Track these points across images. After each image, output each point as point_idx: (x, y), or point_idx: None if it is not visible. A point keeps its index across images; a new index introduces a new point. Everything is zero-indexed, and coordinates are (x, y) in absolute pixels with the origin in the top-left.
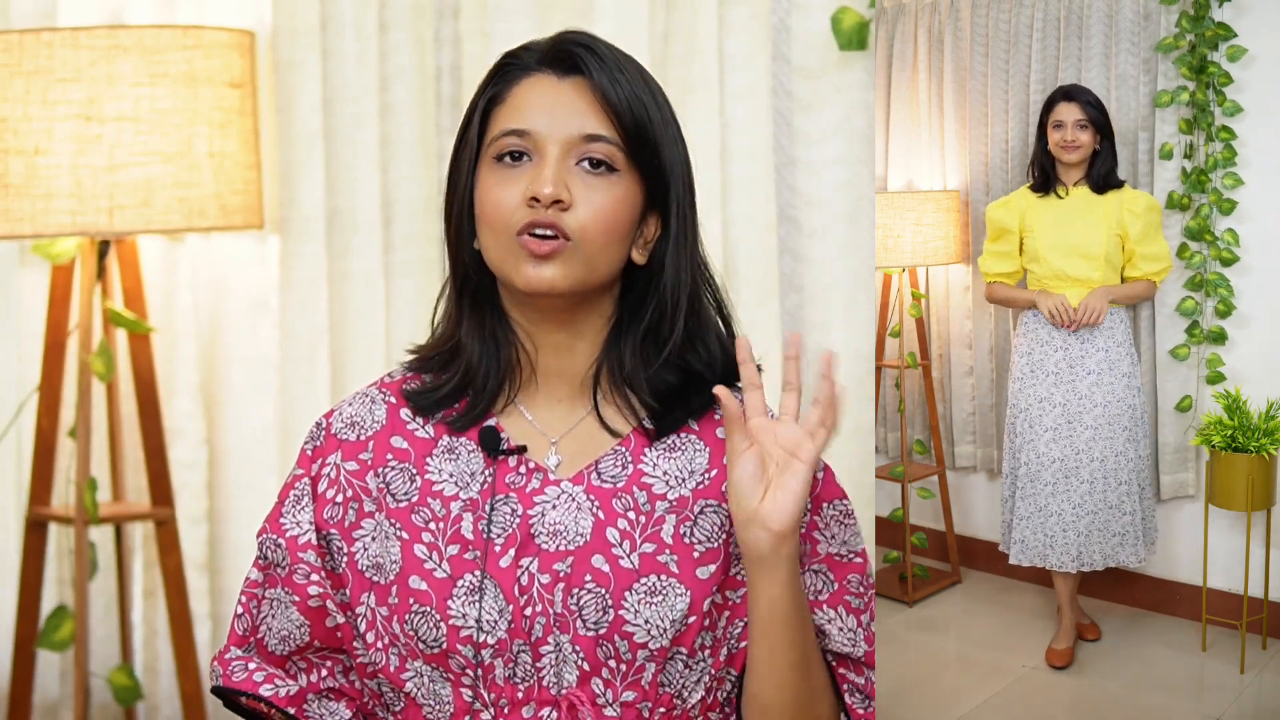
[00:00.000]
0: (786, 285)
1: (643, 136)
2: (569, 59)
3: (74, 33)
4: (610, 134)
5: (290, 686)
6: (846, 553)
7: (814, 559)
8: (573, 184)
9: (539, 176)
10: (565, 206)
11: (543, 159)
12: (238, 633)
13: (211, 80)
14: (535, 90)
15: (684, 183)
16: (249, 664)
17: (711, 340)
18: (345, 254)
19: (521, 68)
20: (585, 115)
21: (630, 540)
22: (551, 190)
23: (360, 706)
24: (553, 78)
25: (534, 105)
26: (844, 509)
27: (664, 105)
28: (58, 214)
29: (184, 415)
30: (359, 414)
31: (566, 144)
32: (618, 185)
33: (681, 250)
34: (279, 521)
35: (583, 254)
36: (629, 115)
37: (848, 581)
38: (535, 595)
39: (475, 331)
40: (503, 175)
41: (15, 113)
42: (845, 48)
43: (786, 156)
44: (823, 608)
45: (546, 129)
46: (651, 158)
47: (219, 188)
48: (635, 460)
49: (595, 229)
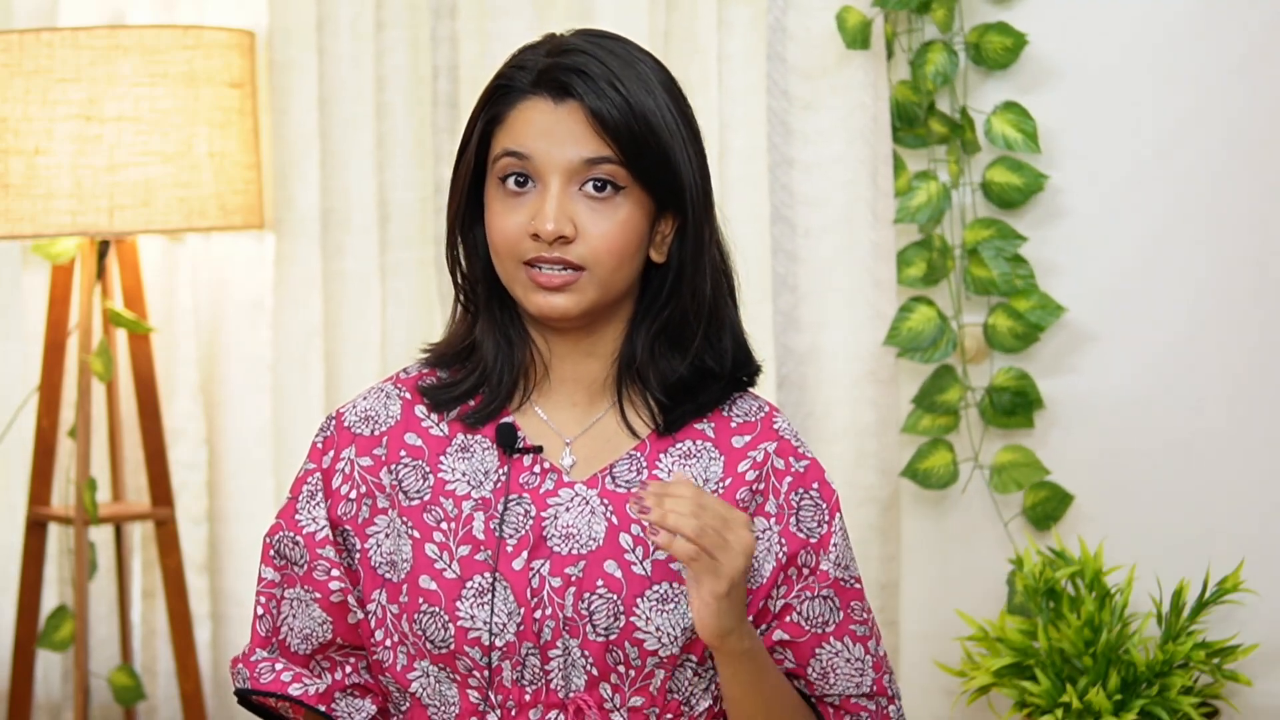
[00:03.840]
0: (780, 285)
1: (645, 151)
2: (561, 84)
3: (74, 33)
4: (612, 154)
5: (318, 684)
6: (848, 577)
7: (823, 582)
8: (578, 212)
9: (541, 211)
10: (570, 240)
11: (545, 188)
12: (260, 634)
13: (211, 80)
14: (532, 115)
15: (699, 181)
16: (275, 664)
17: (726, 336)
18: (340, 254)
19: (518, 91)
20: (583, 141)
21: (643, 546)
22: (553, 228)
23: (384, 702)
24: (548, 102)
25: (532, 131)
26: (845, 529)
27: (670, 107)
28: (58, 214)
29: (184, 415)
30: (373, 408)
31: (568, 171)
32: (624, 205)
33: (701, 250)
34: (295, 518)
35: (596, 279)
36: (627, 135)
37: (851, 609)
38: (546, 598)
39: (490, 330)
40: (509, 202)
41: (15, 113)
42: (851, 46)
43: (782, 156)
44: (829, 640)
45: (545, 155)
46: (658, 168)
47: (219, 188)
48: (650, 466)
49: (605, 255)
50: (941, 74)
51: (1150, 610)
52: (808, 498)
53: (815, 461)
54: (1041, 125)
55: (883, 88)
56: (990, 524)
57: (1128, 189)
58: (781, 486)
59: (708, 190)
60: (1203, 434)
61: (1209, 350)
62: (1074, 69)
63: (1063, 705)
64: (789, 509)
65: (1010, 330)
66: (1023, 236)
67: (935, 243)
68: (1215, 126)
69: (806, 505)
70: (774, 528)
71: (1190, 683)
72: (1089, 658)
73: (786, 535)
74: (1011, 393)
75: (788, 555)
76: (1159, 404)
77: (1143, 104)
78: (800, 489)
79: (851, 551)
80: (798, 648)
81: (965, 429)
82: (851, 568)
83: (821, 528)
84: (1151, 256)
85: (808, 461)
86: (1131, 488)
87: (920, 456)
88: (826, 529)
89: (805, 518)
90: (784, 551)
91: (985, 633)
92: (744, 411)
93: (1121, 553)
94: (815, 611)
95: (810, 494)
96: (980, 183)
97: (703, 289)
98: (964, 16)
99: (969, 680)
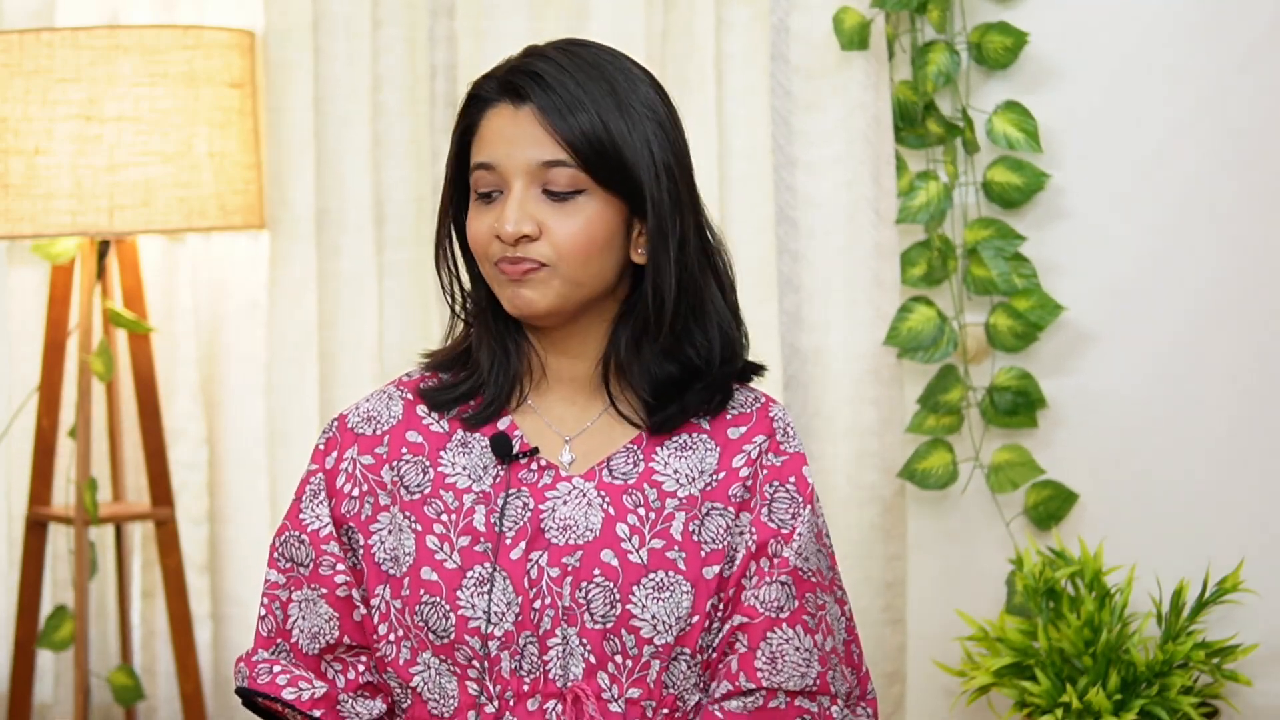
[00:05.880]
0: (785, 285)
1: (601, 156)
2: (517, 89)
3: (74, 33)
4: (568, 158)
5: (317, 690)
6: (808, 569)
7: (782, 569)
8: (541, 212)
9: (502, 214)
10: (534, 238)
11: (508, 193)
12: (263, 635)
13: (211, 80)
14: (497, 122)
15: (666, 183)
16: (274, 667)
17: (711, 331)
18: (335, 254)
19: (485, 100)
20: (540, 144)
21: (640, 536)
22: (512, 229)
23: (393, 703)
24: (510, 108)
25: (496, 138)
26: (816, 524)
27: (633, 108)
28: (58, 214)
29: (184, 415)
30: (375, 409)
31: (528, 174)
32: (587, 205)
33: (663, 249)
34: (299, 517)
35: (562, 275)
36: (582, 140)
37: (805, 600)
38: (544, 588)
39: (485, 339)
40: (480, 210)
41: (15, 113)
42: (847, 47)
43: (785, 156)
44: (781, 626)
45: (507, 160)
46: (615, 172)
47: (219, 188)
48: (647, 458)
49: (569, 251)
50: (943, 74)
51: (1150, 610)
52: (783, 490)
53: (798, 454)
54: (1043, 125)
55: (884, 88)
56: (991, 524)
57: (1130, 189)
58: (763, 481)
59: (678, 189)
60: (1203, 434)
61: (1210, 351)
62: (1075, 69)
63: (1063, 705)
64: (763, 500)
65: (1010, 330)
66: (1021, 236)
67: (937, 243)
68: (1217, 125)
69: (781, 497)
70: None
71: (1190, 683)
72: (1089, 658)
73: (758, 525)
74: (1013, 392)
75: (758, 544)
76: (1160, 404)
77: (1144, 103)
78: (776, 481)
79: (822, 547)
80: (752, 630)
81: (967, 429)
82: (813, 561)
83: (793, 520)
84: (1153, 256)
85: (788, 456)
86: (1132, 488)
87: (918, 457)
88: (796, 521)
89: (778, 509)
90: (754, 541)
91: (985, 633)
92: (740, 403)
93: (1121, 553)
94: (771, 596)
95: (786, 487)
96: (981, 182)
97: (666, 290)
98: (965, 16)
99: (969, 680)
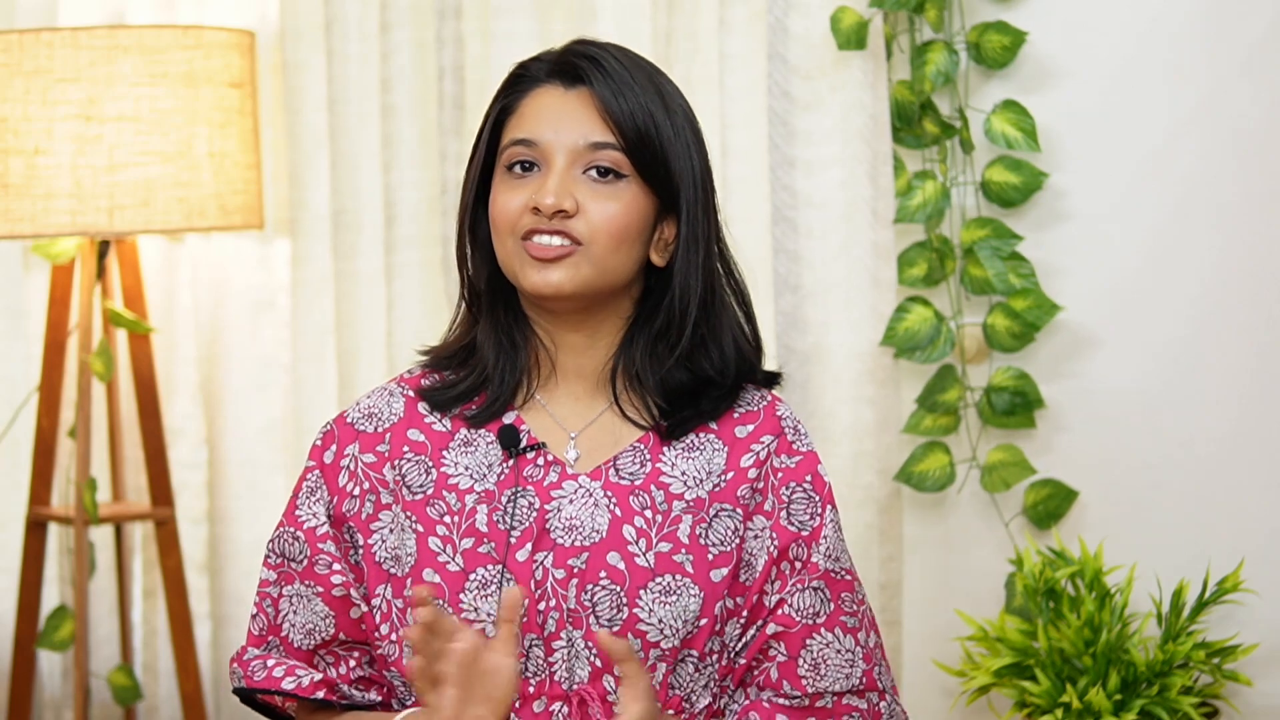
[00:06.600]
0: (782, 285)
1: (648, 146)
2: (574, 70)
3: (74, 33)
4: (615, 142)
5: (313, 675)
6: (839, 569)
7: (814, 574)
8: (580, 191)
9: (543, 186)
10: (570, 215)
11: (549, 168)
12: (254, 633)
13: (211, 80)
14: (543, 101)
15: (698, 188)
16: (267, 661)
17: (726, 343)
18: (352, 254)
19: (531, 79)
20: (590, 125)
21: (646, 538)
22: (553, 201)
23: (388, 695)
24: (560, 89)
25: (542, 116)
26: (838, 521)
27: (677, 113)
28: (58, 214)
29: (184, 415)
30: (376, 406)
31: (573, 153)
32: (626, 191)
33: (693, 255)
34: (295, 514)
35: (591, 257)
36: (632, 125)
37: (842, 601)
38: (549, 590)
39: (491, 332)
40: (512, 183)
41: (15, 113)
42: (844, 47)
43: (783, 156)
44: (820, 631)
45: (553, 138)
46: (658, 166)
47: (219, 188)
48: (654, 459)
49: (604, 233)
50: (942, 73)
51: (1150, 610)
52: (800, 490)
53: (811, 454)
54: (1042, 125)
55: (882, 88)
56: (990, 524)
57: (1130, 189)
58: (777, 483)
59: (709, 200)
60: (1203, 434)
61: (1210, 351)
62: (1074, 68)
63: (1063, 705)
64: (780, 503)
65: (1008, 330)
66: (1018, 235)
67: (935, 243)
68: (1217, 125)
69: (799, 498)
70: (769, 524)
71: (1190, 683)
72: (1089, 658)
73: (778, 529)
74: (1010, 393)
75: (779, 549)
76: (1160, 405)
77: (1144, 103)
78: (792, 482)
79: (844, 544)
80: (790, 639)
81: (965, 429)
82: (843, 559)
83: (814, 520)
84: (1153, 257)
85: (801, 456)
86: (1132, 488)
87: (914, 460)
88: (819, 521)
89: (797, 510)
90: (775, 546)
91: (985, 633)
92: (747, 401)
93: (1121, 553)
94: (806, 603)
95: (803, 487)
96: (979, 182)
97: (692, 296)
98: (964, 15)
99: (969, 680)
